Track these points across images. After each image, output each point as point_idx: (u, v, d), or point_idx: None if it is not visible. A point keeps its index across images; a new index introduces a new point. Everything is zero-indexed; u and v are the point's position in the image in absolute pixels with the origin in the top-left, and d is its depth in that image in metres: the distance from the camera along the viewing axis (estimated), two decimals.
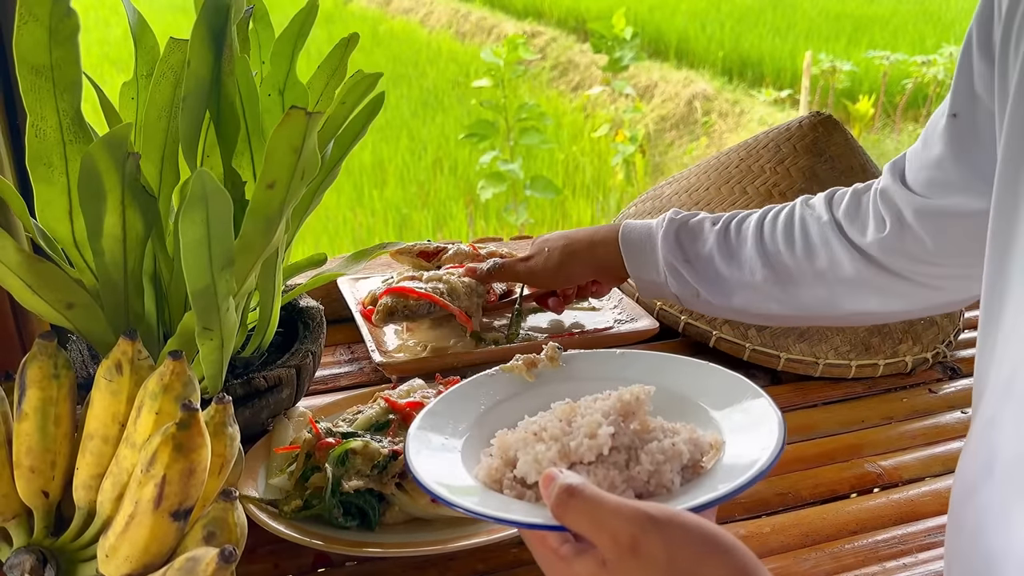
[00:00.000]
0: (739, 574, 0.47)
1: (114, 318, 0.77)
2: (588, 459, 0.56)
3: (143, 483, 0.64)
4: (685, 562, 0.47)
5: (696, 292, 0.91)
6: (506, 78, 4.27)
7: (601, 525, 0.48)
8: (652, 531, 0.47)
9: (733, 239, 0.90)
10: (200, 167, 0.77)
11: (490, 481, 0.58)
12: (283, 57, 0.81)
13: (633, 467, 0.56)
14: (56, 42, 0.65)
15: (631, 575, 0.48)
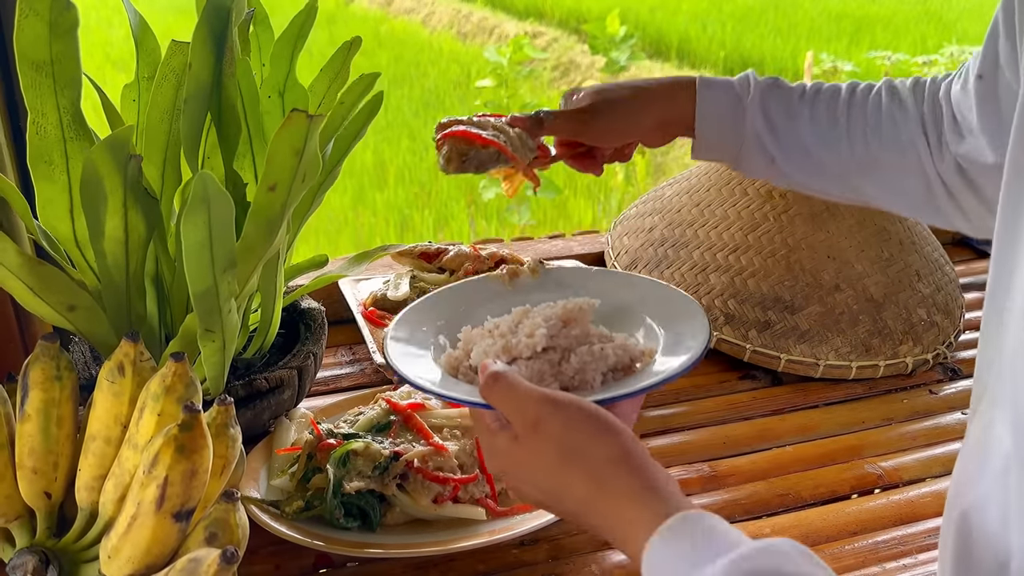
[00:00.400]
0: (622, 454, 0.54)
1: (116, 320, 0.77)
2: (525, 355, 0.65)
3: (145, 484, 0.64)
4: (577, 439, 0.55)
5: (772, 159, 0.88)
6: (509, 78, 4.26)
7: (514, 405, 0.57)
8: (552, 412, 0.56)
9: (823, 118, 0.87)
10: (201, 169, 0.77)
11: (449, 368, 0.67)
12: (283, 59, 0.81)
13: (564, 365, 0.65)
14: (56, 36, 0.66)
15: (534, 447, 0.56)
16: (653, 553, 0.51)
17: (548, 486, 0.57)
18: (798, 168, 0.87)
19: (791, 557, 0.48)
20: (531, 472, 0.58)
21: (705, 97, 0.87)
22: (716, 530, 0.50)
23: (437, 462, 0.80)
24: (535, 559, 0.79)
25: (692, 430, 0.98)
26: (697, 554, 0.49)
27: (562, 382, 0.65)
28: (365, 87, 0.77)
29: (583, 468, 0.55)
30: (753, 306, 1.06)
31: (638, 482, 0.54)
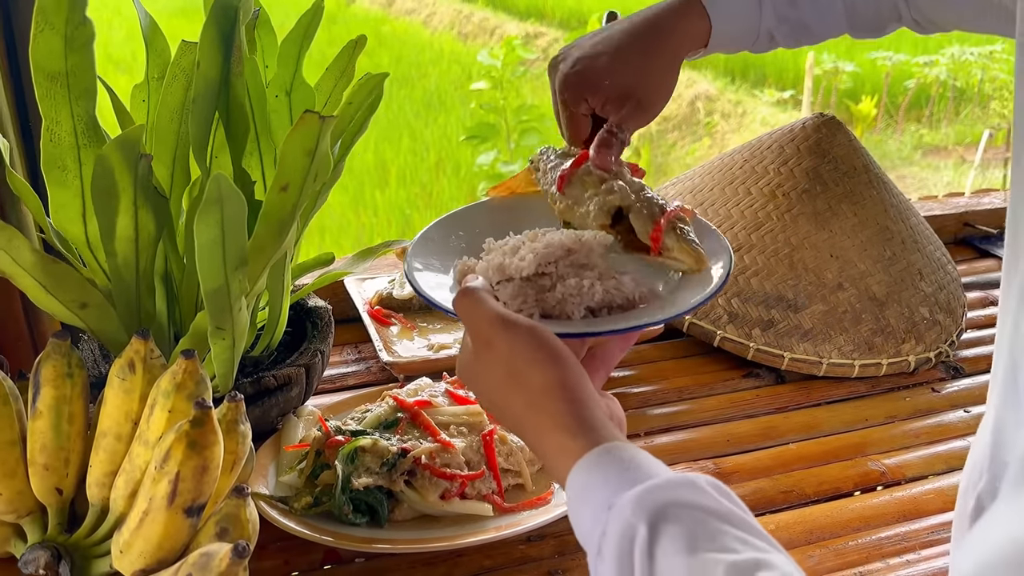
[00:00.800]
0: (559, 382, 0.55)
1: (126, 318, 0.78)
2: (516, 276, 0.65)
3: (157, 480, 0.65)
4: (519, 362, 0.57)
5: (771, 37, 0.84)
6: (504, 80, 4.27)
7: (474, 321, 0.59)
8: (503, 332, 0.57)
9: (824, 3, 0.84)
10: (209, 168, 0.78)
11: (460, 274, 0.68)
12: (289, 58, 0.82)
13: (549, 294, 0.65)
14: (72, 49, 0.66)
15: (484, 363, 0.59)
16: (574, 479, 0.52)
17: (494, 401, 0.60)
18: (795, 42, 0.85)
19: (705, 490, 0.48)
20: (482, 385, 0.60)
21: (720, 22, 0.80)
22: (636, 461, 0.51)
23: (444, 459, 0.80)
24: (541, 555, 0.79)
25: (696, 428, 0.98)
26: (615, 483, 0.50)
27: (544, 309, 0.65)
28: (373, 87, 0.78)
29: (522, 391, 0.57)
30: (756, 305, 1.07)
31: (570, 412, 0.55)
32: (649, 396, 1.03)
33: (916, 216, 1.18)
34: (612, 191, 0.70)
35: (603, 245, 0.67)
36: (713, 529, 0.46)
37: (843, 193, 1.12)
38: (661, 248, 0.68)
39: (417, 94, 5.80)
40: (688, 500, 0.48)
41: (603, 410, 0.56)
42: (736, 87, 6.08)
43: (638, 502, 0.47)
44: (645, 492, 0.48)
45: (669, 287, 0.68)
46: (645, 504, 0.47)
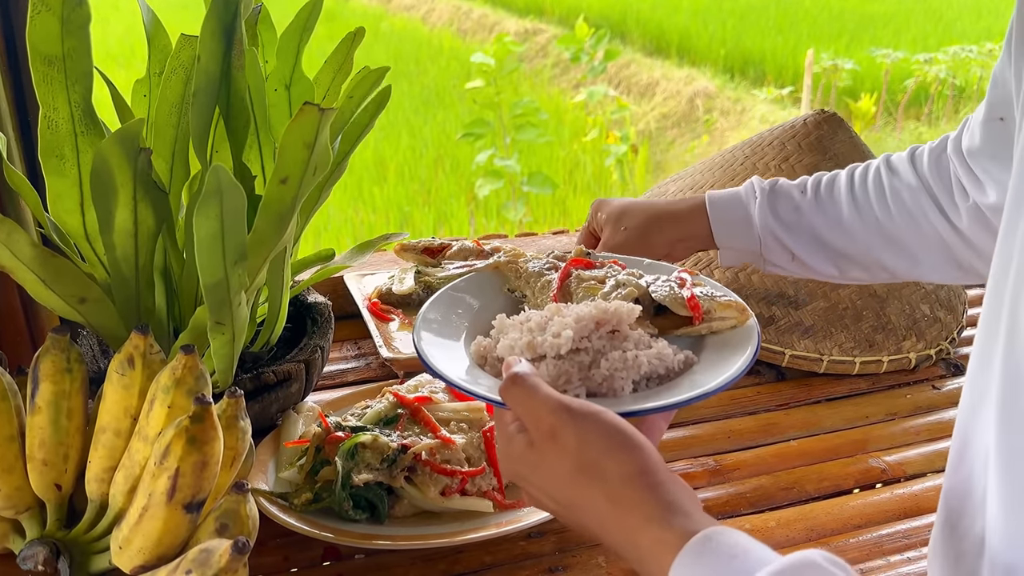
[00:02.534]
0: (640, 471, 0.53)
1: (125, 313, 0.77)
2: (551, 354, 0.62)
3: (156, 475, 0.64)
4: (593, 452, 0.54)
5: (792, 254, 0.90)
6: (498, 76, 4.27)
7: (530, 410, 0.56)
8: (569, 422, 0.54)
9: (829, 207, 0.89)
10: (210, 162, 0.77)
11: (478, 357, 0.66)
12: (289, 52, 0.81)
13: (593, 370, 0.62)
14: (68, 32, 0.66)
15: (548, 456, 0.55)
16: (679, 573, 0.49)
17: (563, 498, 0.56)
18: (818, 258, 0.90)
19: (823, 568, 0.46)
20: (546, 481, 0.56)
21: (716, 212, 0.92)
22: (742, 546, 0.49)
23: (444, 455, 0.80)
24: (541, 551, 0.79)
25: (697, 424, 0.98)
26: (727, 573, 0.48)
27: (589, 387, 0.62)
28: (375, 81, 0.78)
29: (599, 484, 0.54)
30: (757, 301, 1.07)
31: (657, 500, 0.52)
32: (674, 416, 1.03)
33: None
34: (621, 285, 0.70)
35: (632, 314, 0.65)
36: None
37: None
38: (703, 313, 0.67)
39: (415, 90, 5.80)
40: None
41: (686, 490, 0.54)
42: (735, 84, 6.07)
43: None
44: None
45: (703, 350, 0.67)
46: None
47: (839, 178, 0.91)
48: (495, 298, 0.74)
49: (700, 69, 6.34)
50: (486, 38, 7.35)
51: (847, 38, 6.44)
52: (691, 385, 0.62)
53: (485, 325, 0.69)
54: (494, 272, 0.76)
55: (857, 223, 0.88)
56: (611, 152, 4.52)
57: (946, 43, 5.84)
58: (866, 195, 0.88)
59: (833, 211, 0.89)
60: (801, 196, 0.90)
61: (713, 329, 0.68)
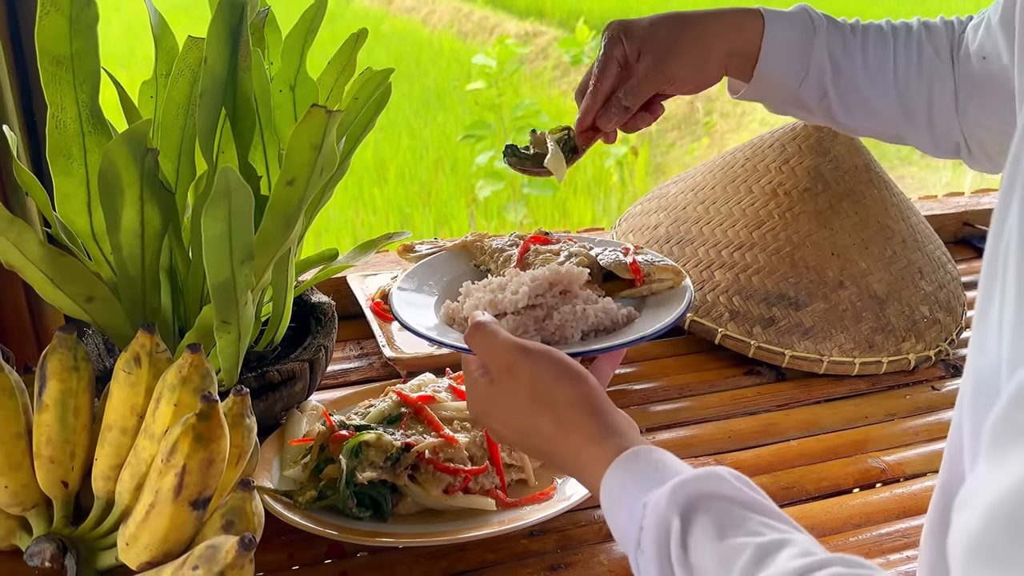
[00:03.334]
0: (583, 396, 0.61)
1: (132, 311, 0.78)
2: (510, 310, 0.72)
3: (163, 472, 0.65)
4: (544, 382, 0.61)
5: (825, 94, 0.85)
6: (499, 78, 4.28)
7: (490, 351, 0.64)
8: (523, 358, 0.62)
9: (873, 60, 0.85)
10: (216, 163, 0.78)
11: (447, 318, 0.75)
12: (293, 53, 0.82)
13: (547, 322, 0.73)
14: (76, 32, 0.67)
15: (506, 390, 0.63)
16: (608, 483, 0.56)
17: (519, 426, 0.63)
18: (847, 107, 0.85)
19: (728, 481, 0.52)
20: (505, 412, 0.64)
21: (774, 28, 0.83)
22: (663, 461, 0.56)
23: (448, 453, 0.81)
24: (544, 549, 0.80)
25: (698, 424, 0.99)
26: (646, 482, 0.54)
27: (543, 336, 0.72)
28: (379, 83, 0.78)
29: (549, 410, 0.61)
30: (758, 303, 1.07)
31: (597, 423, 0.60)
32: (651, 393, 1.04)
33: (916, 215, 1.19)
34: (573, 255, 0.81)
35: (581, 276, 0.76)
36: (739, 516, 0.50)
37: (844, 192, 1.12)
38: (643, 276, 0.79)
39: (416, 92, 5.80)
40: (715, 491, 0.52)
41: (625, 418, 0.61)
42: None
43: (671, 497, 0.52)
44: (676, 487, 0.52)
45: (644, 308, 0.78)
46: (677, 498, 0.51)
47: (883, 30, 0.86)
48: (463, 271, 0.84)
49: None
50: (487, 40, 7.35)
51: None
52: (631, 332, 0.72)
53: (454, 293, 0.79)
54: (462, 250, 0.86)
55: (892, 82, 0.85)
56: (610, 154, 4.53)
57: None
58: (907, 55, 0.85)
59: (877, 63, 0.85)
60: (852, 38, 0.85)
61: (653, 290, 0.79)
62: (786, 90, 0.86)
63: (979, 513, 0.36)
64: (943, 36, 0.86)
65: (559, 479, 0.84)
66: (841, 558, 0.47)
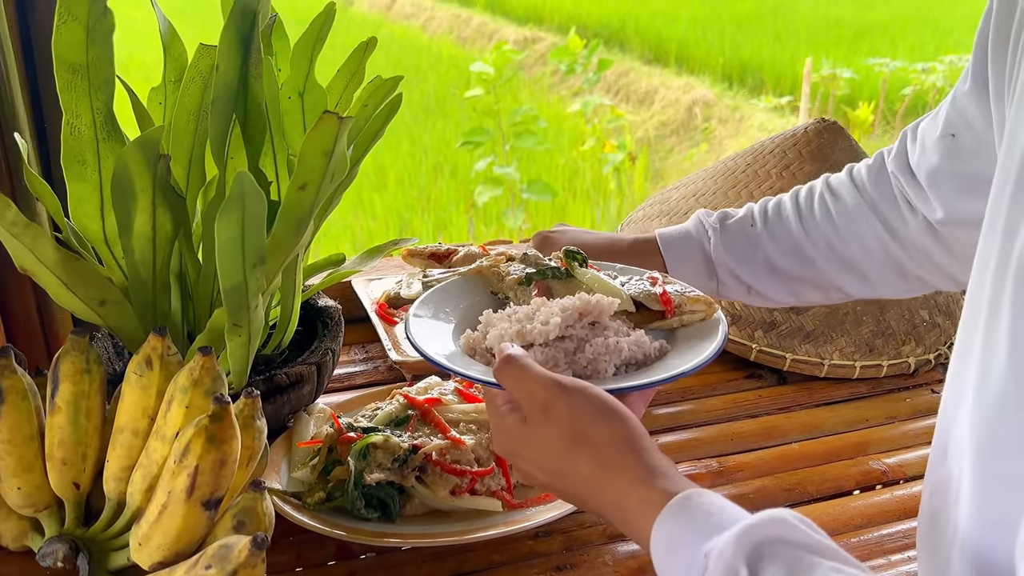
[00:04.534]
0: (626, 437, 0.58)
1: (143, 315, 0.79)
2: (539, 341, 0.68)
3: (176, 473, 0.66)
4: (583, 421, 0.58)
5: (748, 288, 0.90)
6: (497, 85, 4.30)
7: (524, 387, 0.60)
8: (560, 396, 0.59)
9: (782, 238, 0.89)
10: (226, 168, 0.79)
11: (467, 348, 0.71)
12: (302, 60, 0.83)
13: (578, 355, 0.68)
14: (93, 41, 0.68)
15: (542, 429, 0.59)
16: (661, 530, 0.53)
17: (554, 468, 0.60)
18: (774, 287, 0.90)
19: (793, 525, 0.50)
20: (538, 453, 0.60)
21: (670, 251, 0.90)
22: (719, 505, 0.53)
23: (454, 455, 0.82)
24: (549, 550, 0.81)
25: (700, 427, 1.00)
26: (704, 529, 0.51)
27: (575, 370, 0.67)
28: (389, 90, 0.79)
29: (588, 450, 0.58)
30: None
31: (642, 464, 0.57)
32: (654, 395, 1.05)
33: None
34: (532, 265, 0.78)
35: (611, 306, 0.71)
36: (808, 562, 0.48)
37: None
38: (675, 308, 0.74)
39: (415, 98, 5.82)
40: (781, 536, 0.49)
41: (667, 459, 0.58)
42: (734, 93, 6.10)
43: (736, 544, 0.49)
44: (740, 534, 0.49)
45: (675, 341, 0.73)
46: (743, 546, 0.49)
47: (783, 204, 0.90)
48: (480, 298, 0.79)
49: (699, 77, 6.37)
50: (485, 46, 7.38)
51: (845, 47, 6.47)
52: (667, 368, 0.68)
53: (472, 321, 0.74)
54: (477, 275, 0.81)
55: (808, 247, 0.88)
56: (608, 160, 4.54)
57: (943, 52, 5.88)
58: (813, 219, 0.88)
59: (784, 238, 0.89)
60: (751, 228, 0.90)
61: (684, 322, 0.74)
62: (711, 291, 0.90)
63: None
64: (848, 185, 0.88)
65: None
66: None
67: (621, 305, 0.73)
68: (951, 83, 5.62)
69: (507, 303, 0.78)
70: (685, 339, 0.73)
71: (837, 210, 0.87)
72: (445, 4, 8.79)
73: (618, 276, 0.79)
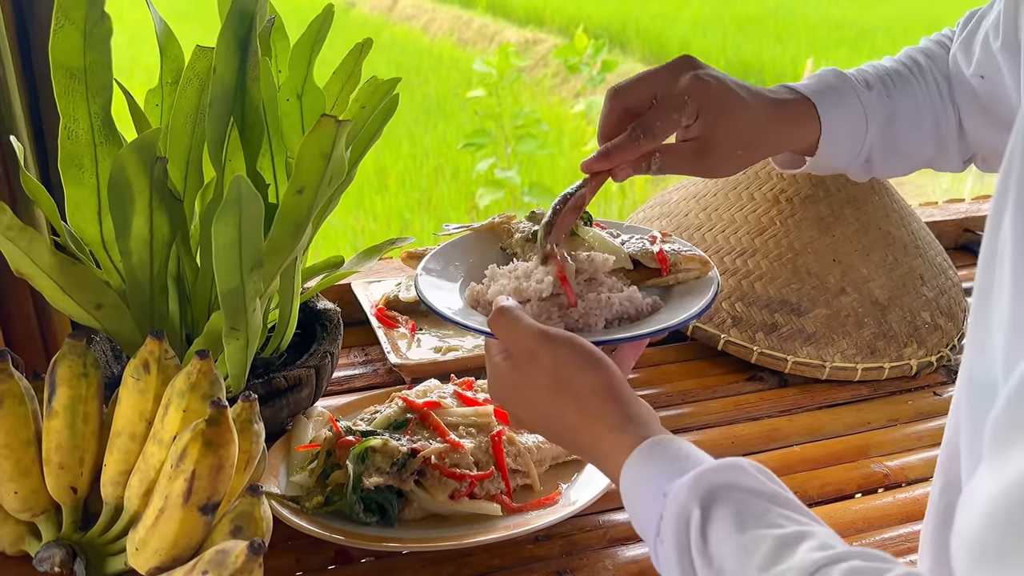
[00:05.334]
0: (606, 385, 0.61)
1: (140, 319, 0.79)
2: (534, 297, 0.71)
3: (173, 478, 0.66)
4: (566, 369, 0.61)
5: (870, 163, 0.82)
6: (499, 87, 4.30)
7: (514, 336, 0.64)
8: (546, 344, 0.62)
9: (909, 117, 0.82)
10: (224, 170, 0.79)
11: (471, 300, 0.74)
12: (301, 62, 0.83)
13: (571, 308, 0.71)
14: (90, 45, 0.68)
15: (529, 375, 0.63)
16: (628, 472, 0.57)
17: (540, 411, 0.63)
18: (887, 164, 0.83)
19: (749, 472, 0.53)
20: (526, 398, 0.64)
21: (830, 123, 0.78)
22: (685, 451, 0.56)
23: (453, 459, 0.81)
24: (549, 554, 0.80)
25: (701, 430, 0.99)
26: (667, 471, 0.54)
27: (567, 323, 0.71)
28: (386, 92, 0.79)
29: (571, 396, 0.61)
30: (760, 309, 1.08)
31: (620, 411, 0.60)
32: (654, 399, 1.04)
33: (917, 222, 1.20)
34: None
35: (606, 263, 0.75)
36: (760, 508, 0.51)
37: (845, 198, 1.13)
38: (670, 265, 0.77)
39: (417, 100, 5.82)
40: (736, 482, 0.52)
41: (647, 407, 0.61)
42: None
43: (691, 487, 0.52)
44: (697, 477, 0.52)
45: (670, 298, 0.76)
46: (698, 488, 0.52)
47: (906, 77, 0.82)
48: (489, 253, 0.83)
49: None
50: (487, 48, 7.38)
51: (846, 48, 6.46)
52: (655, 322, 0.71)
53: (479, 275, 0.77)
54: (489, 232, 0.85)
55: (930, 128, 0.83)
56: None
57: None
58: (930, 97, 0.82)
59: (912, 118, 0.82)
60: (889, 102, 0.80)
61: (679, 280, 0.77)
62: (836, 167, 0.83)
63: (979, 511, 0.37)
64: (943, 61, 0.85)
65: (564, 484, 0.85)
66: (861, 551, 0.47)
67: (617, 262, 0.76)
68: None
69: (514, 258, 0.81)
70: (679, 296, 0.76)
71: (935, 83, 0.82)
72: (446, 6, 8.79)
73: (620, 234, 0.81)
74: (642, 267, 0.78)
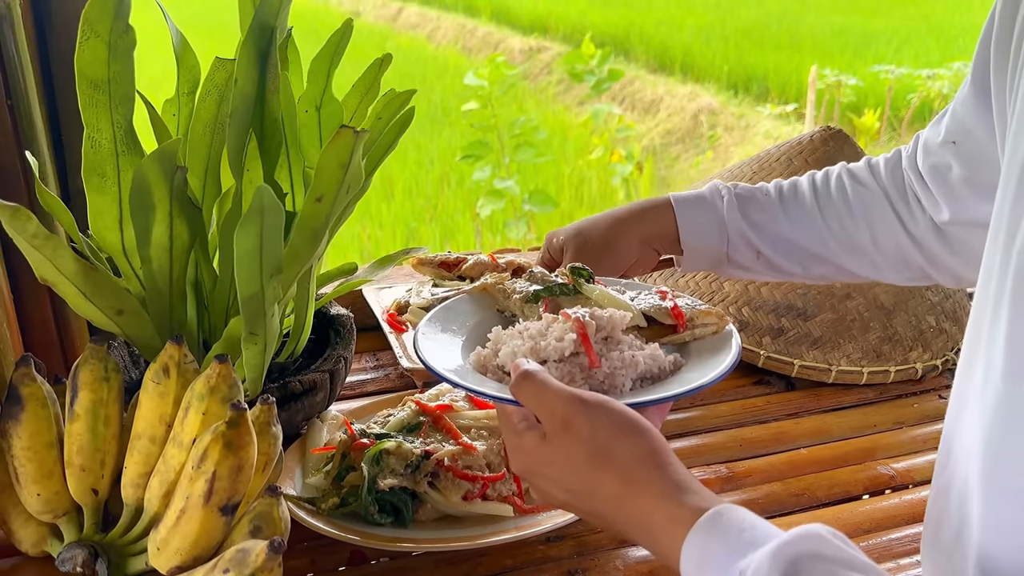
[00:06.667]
0: (648, 453, 0.57)
1: (159, 324, 0.80)
2: (554, 357, 0.67)
3: (194, 479, 0.67)
4: (604, 438, 0.57)
5: (758, 252, 0.91)
6: (493, 97, 4.32)
7: (543, 403, 0.59)
8: (581, 411, 0.58)
9: (794, 211, 0.91)
10: (242, 179, 0.81)
11: (478, 366, 0.70)
12: (320, 75, 0.85)
13: (594, 369, 0.67)
14: (114, 57, 0.69)
15: (562, 446, 0.58)
16: (691, 549, 0.52)
17: (576, 486, 0.58)
18: (784, 257, 0.91)
19: (827, 540, 0.50)
20: (559, 471, 0.59)
21: (683, 211, 0.91)
22: (750, 521, 0.52)
23: (466, 461, 0.82)
24: (560, 554, 0.81)
25: (709, 433, 1.01)
26: (737, 545, 0.50)
27: (592, 385, 0.66)
28: (401, 104, 0.81)
29: (612, 467, 0.56)
30: (767, 313, 1.09)
31: (667, 479, 0.55)
32: (668, 411, 1.06)
33: None
34: None
35: (623, 320, 0.71)
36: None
37: None
38: (687, 322, 0.73)
39: (422, 108, 5.84)
40: (818, 552, 0.49)
41: (689, 472, 0.57)
42: (739, 100, 6.12)
43: (772, 561, 0.48)
44: (777, 551, 0.49)
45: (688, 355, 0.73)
46: (778, 563, 0.48)
47: (800, 184, 0.92)
48: (487, 315, 0.80)
49: (704, 86, 6.39)
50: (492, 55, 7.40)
51: (850, 54, 6.48)
52: (686, 381, 0.67)
53: (479, 340, 0.74)
54: (482, 293, 0.81)
55: (821, 225, 0.90)
56: (616, 171, 4.56)
57: (948, 59, 5.88)
58: (829, 198, 0.90)
59: (798, 213, 0.91)
60: (766, 198, 0.92)
61: (696, 336, 0.74)
62: (720, 256, 0.92)
63: None
64: (866, 172, 0.91)
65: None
66: None
67: (632, 319, 0.72)
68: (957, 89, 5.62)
69: (513, 321, 0.77)
70: (697, 352, 0.72)
71: (854, 192, 0.89)
72: (451, 14, 8.83)
73: (626, 291, 0.78)
74: (655, 324, 0.75)
